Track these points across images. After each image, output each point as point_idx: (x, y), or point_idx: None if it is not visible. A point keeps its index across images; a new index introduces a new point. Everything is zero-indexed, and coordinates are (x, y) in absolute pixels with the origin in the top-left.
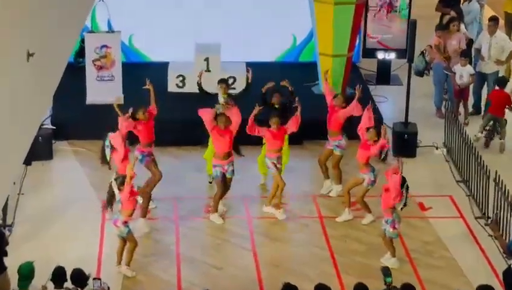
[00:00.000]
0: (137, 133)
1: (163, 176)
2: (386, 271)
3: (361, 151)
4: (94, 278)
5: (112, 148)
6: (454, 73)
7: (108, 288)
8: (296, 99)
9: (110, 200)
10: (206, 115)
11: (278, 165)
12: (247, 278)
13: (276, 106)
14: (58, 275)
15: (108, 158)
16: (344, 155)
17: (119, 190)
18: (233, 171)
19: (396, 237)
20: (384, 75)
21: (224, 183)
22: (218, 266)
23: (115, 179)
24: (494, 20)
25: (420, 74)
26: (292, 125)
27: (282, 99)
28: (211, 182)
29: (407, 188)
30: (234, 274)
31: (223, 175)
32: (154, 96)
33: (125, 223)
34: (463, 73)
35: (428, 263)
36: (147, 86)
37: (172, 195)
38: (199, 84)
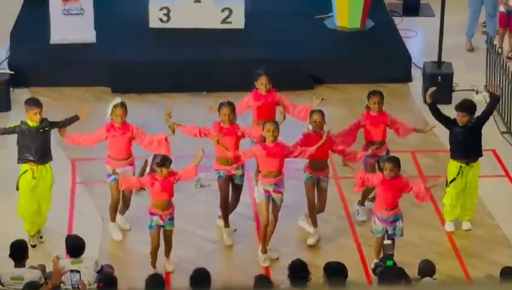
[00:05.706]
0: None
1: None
2: (389, 250)
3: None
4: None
5: None
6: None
7: (112, 268)
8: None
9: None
10: (188, 130)
11: (273, 195)
12: (249, 253)
13: None
14: (17, 250)
15: None
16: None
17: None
18: (243, 176)
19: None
20: (412, 4)
21: (229, 187)
22: (213, 239)
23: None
24: None
25: None
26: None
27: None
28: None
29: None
30: (233, 248)
31: (228, 177)
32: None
33: (150, 213)
34: None
35: (467, 232)
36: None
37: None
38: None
